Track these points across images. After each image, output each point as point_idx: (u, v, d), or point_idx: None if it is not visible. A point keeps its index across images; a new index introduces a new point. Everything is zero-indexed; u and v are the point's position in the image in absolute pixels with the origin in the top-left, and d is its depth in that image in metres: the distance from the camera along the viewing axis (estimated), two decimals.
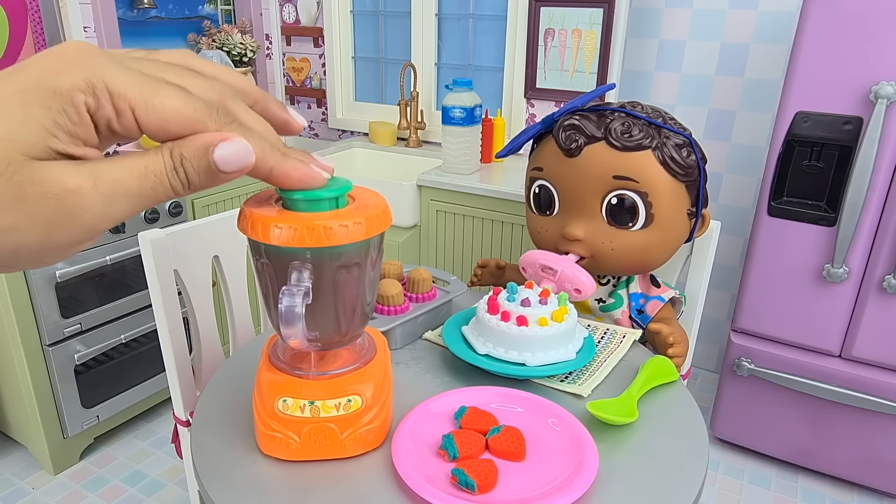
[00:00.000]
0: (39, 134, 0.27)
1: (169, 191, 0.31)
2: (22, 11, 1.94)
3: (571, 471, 0.64)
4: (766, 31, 1.93)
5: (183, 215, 1.93)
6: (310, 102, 2.69)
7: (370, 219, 0.45)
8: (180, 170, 0.31)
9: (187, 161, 0.30)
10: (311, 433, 0.57)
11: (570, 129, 1.00)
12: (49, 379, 1.69)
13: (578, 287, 0.97)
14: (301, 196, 0.43)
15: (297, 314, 0.39)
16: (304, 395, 0.55)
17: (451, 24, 2.35)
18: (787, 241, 1.63)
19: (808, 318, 1.67)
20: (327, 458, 0.60)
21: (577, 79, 2.08)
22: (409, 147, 2.37)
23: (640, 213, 0.99)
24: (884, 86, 1.40)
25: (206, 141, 0.31)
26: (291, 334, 0.40)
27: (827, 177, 1.54)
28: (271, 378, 0.56)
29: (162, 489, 1.74)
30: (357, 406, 0.58)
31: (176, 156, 0.30)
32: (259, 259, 0.44)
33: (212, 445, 0.64)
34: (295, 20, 2.58)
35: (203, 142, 0.31)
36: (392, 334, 0.91)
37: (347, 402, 0.58)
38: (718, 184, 2.13)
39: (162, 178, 0.30)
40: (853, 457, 1.72)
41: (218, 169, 0.31)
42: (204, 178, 0.31)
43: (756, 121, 2.02)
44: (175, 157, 0.30)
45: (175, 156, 0.30)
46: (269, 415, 0.56)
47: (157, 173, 0.30)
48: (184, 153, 0.30)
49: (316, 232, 0.43)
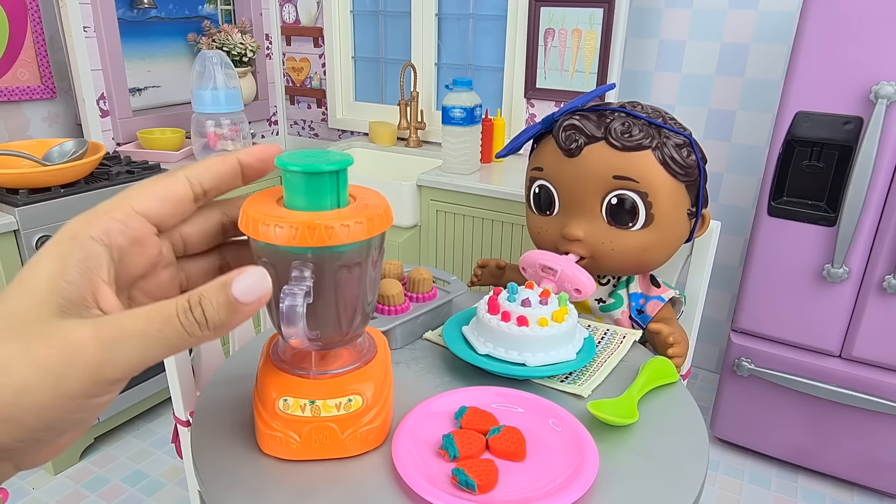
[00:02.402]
0: (56, 291, 0.30)
1: (181, 332, 0.30)
2: (22, 11, 1.94)
3: (572, 471, 0.64)
4: (766, 31, 1.93)
5: None
6: (310, 102, 2.69)
7: (371, 218, 0.45)
8: (196, 308, 0.31)
9: (205, 299, 0.31)
10: (311, 433, 0.57)
11: (570, 129, 1.00)
12: None
13: (578, 287, 0.97)
14: (300, 168, 0.43)
15: (298, 313, 0.39)
16: (305, 395, 0.55)
17: (451, 24, 2.35)
18: (787, 241, 1.63)
19: (808, 318, 1.67)
20: (328, 458, 0.60)
21: (577, 79, 2.08)
22: (409, 147, 2.37)
23: (640, 213, 0.99)
24: (884, 86, 1.40)
25: (224, 279, 0.31)
26: (293, 334, 0.40)
27: (827, 177, 1.54)
28: (272, 377, 0.56)
29: (162, 489, 1.74)
30: (358, 406, 0.58)
31: (194, 297, 0.31)
32: (259, 258, 0.44)
33: (212, 445, 0.64)
34: (295, 20, 2.58)
35: (221, 280, 0.31)
36: (392, 334, 0.91)
37: (348, 401, 0.58)
38: (718, 184, 2.13)
39: (171, 320, 0.30)
40: (853, 457, 1.72)
41: (238, 301, 0.31)
42: (224, 314, 0.31)
43: (756, 121, 2.02)
44: (192, 299, 0.31)
45: (193, 298, 0.31)
46: (270, 414, 0.56)
47: (166, 315, 0.30)
48: (202, 293, 0.31)
49: (318, 231, 0.43)
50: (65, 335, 0.29)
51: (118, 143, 2.16)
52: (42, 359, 0.28)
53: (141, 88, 2.27)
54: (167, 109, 2.33)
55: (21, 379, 0.28)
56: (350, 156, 0.46)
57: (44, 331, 0.28)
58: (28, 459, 0.32)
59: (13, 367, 0.28)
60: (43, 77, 2.02)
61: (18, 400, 0.28)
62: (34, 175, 1.61)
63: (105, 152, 1.77)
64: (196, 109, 2.09)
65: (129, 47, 2.18)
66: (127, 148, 2.15)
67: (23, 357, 0.28)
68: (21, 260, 1.59)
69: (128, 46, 2.17)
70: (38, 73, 2.01)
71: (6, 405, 0.28)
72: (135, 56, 2.22)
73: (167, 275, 0.39)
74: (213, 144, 2.12)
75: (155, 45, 2.30)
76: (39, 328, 0.28)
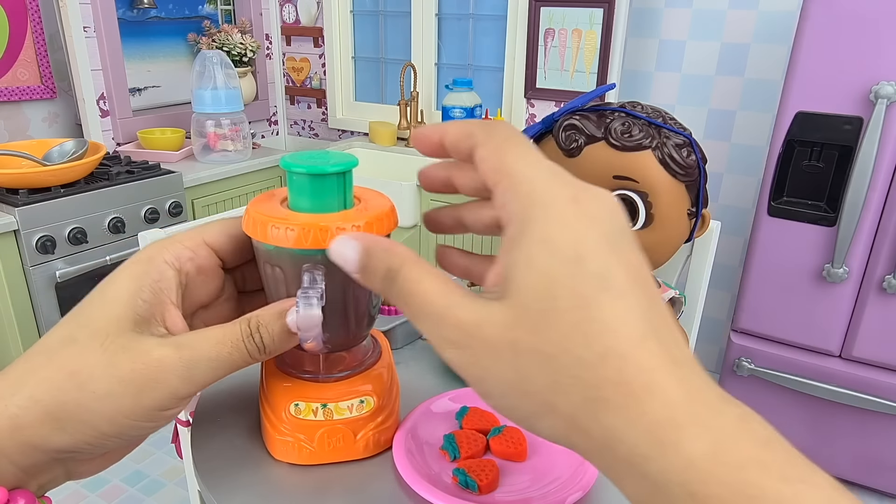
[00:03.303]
0: (136, 308, 0.32)
1: (245, 355, 0.34)
2: (22, 11, 1.94)
3: (573, 471, 0.64)
4: (766, 31, 1.93)
5: (183, 215, 1.93)
6: (310, 102, 2.69)
7: (380, 219, 0.45)
8: (256, 335, 0.34)
9: (263, 327, 0.34)
10: (324, 436, 0.57)
11: (570, 129, 1.00)
12: None
13: None
14: (306, 169, 0.43)
15: (315, 319, 0.39)
16: (316, 398, 0.55)
17: (451, 23, 2.35)
18: (787, 241, 1.63)
19: (808, 318, 1.67)
20: (342, 461, 0.60)
21: (577, 79, 2.08)
22: (409, 147, 2.37)
23: (640, 214, 0.99)
24: (884, 86, 1.40)
25: (280, 308, 0.35)
26: (309, 338, 0.40)
27: (827, 177, 1.54)
28: (280, 382, 0.56)
29: (162, 489, 1.74)
30: (370, 407, 0.58)
31: (253, 323, 0.34)
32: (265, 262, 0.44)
33: (212, 445, 0.64)
34: (295, 20, 2.58)
35: (277, 309, 0.35)
36: (392, 334, 0.91)
37: (360, 402, 0.58)
38: (718, 184, 2.13)
39: (238, 344, 0.34)
40: (853, 457, 1.72)
41: (291, 331, 0.35)
42: (279, 342, 0.36)
43: (756, 121, 2.02)
44: (252, 325, 0.34)
45: (252, 323, 0.34)
46: (280, 419, 0.56)
47: (234, 340, 0.34)
48: (260, 320, 0.35)
49: (329, 233, 0.43)
50: (147, 351, 0.31)
51: (118, 143, 2.17)
52: (127, 372, 0.30)
53: (141, 88, 2.27)
54: (167, 109, 2.33)
55: (105, 387, 0.30)
56: (355, 157, 0.46)
57: (125, 344, 0.31)
58: (83, 467, 0.34)
59: (97, 375, 0.30)
60: (43, 77, 2.03)
61: (99, 406, 0.30)
62: (34, 175, 1.61)
63: (105, 152, 1.77)
64: (196, 109, 2.09)
65: (129, 47, 2.18)
66: (127, 148, 2.15)
67: (107, 368, 0.30)
68: (21, 260, 1.59)
69: (128, 46, 2.17)
70: (38, 73, 2.01)
71: (85, 409, 0.30)
72: (135, 56, 2.22)
73: (228, 308, 0.41)
74: (213, 144, 2.12)
75: (155, 45, 2.30)
76: (120, 341, 0.31)
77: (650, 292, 0.23)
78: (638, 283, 0.23)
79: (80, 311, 0.32)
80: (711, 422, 0.21)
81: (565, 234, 0.23)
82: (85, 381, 0.29)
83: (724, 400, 0.23)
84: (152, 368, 0.31)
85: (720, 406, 0.22)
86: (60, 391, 0.29)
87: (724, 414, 0.22)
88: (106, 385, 0.30)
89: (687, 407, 0.21)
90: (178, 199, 1.92)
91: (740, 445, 0.21)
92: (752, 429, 0.22)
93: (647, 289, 0.23)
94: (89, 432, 0.30)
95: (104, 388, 0.30)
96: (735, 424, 0.22)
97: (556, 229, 0.23)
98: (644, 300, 0.23)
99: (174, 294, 0.35)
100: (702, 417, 0.21)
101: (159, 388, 0.31)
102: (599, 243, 0.23)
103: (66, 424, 0.30)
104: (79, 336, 0.31)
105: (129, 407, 0.30)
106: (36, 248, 1.59)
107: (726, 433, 0.21)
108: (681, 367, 0.22)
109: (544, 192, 0.24)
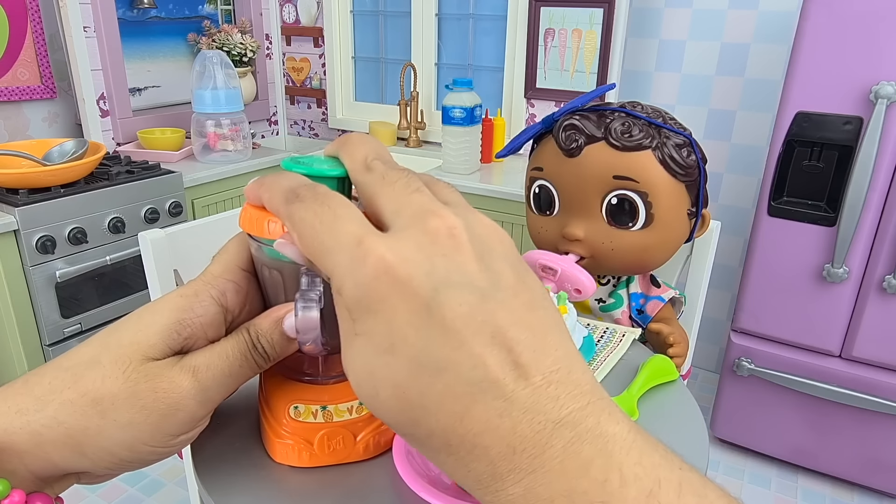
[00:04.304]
0: (159, 335, 0.33)
1: (254, 366, 0.35)
2: (22, 11, 1.94)
3: None
4: (766, 31, 1.93)
5: (183, 215, 1.93)
6: (310, 102, 2.69)
7: None
8: (259, 345, 0.35)
9: (262, 337, 0.35)
10: (324, 438, 0.57)
11: (570, 129, 1.00)
12: None
13: (579, 287, 0.97)
14: (307, 172, 0.43)
15: (314, 322, 0.39)
16: (316, 400, 0.55)
17: (451, 24, 2.35)
18: (787, 241, 1.63)
19: (808, 318, 1.67)
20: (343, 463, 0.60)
21: (577, 79, 2.08)
22: (409, 147, 2.37)
23: (640, 214, 0.99)
24: (884, 86, 1.40)
25: (276, 315, 0.36)
26: (308, 340, 0.40)
27: (827, 177, 1.54)
28: (278, 384, 0.56)
29: (162, 489, 1.74)
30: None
31: (252, 333, 0.35)
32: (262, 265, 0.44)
33: (212, 445, 0.64)
34: (295, 20, 2.58)
35: (273, 317, 0.36)
36: None
37: (360, 404, 0.58)
38: (718, 184, 2.13)
39: (246, 356, 0.35)
40: (853, 457, 1.72)
41: (290, 337, 0.36)
42: (280, 349, 0.36)
43: (756, 121, 2.02)
44: (252, 335, 0.35)
45: (252, 333, 0.35)
46: (280, 422, 0.56)
47: (242, 352, 0.35)
48: (259, 330, 0.35)
49: None
50: (170, 379, 0.32)
51: (118, 142, 2.16)
52: (150, 401, 0.31)
53: (141, 88, 2.27)
54: (167, 109, 2.33)
55: (126, 416, 0.31)
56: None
57: (147, 372, 0.31)
58: (95, 479, 0.34)
59: (119, 404, 0.31)
60: (43, 77, 2.03)
61: (120, 434, 0.31)
62: (34, 175, 1.61)
63: (105, 152, 1.77)
64: (196, 109, 2.09)
65: (129, 47, 2.18)
66: (127, 148, 2.15)
67: (129, 398, 0.31)
68: (21, 260, 1.59)
69: (128, 46, 2.17)
70: (38, 73, 2.01)
71: (106, 437, 0.31)
72: (135, 56, 2.22)
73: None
74: (213, 144, 2.12)
75: (155, 45, 2.30)
76: (143, 368, 0.31)
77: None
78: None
79: (112, 330, 0.33)
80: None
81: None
82: (107, 409, 0.30)
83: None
84: (173, 396, 0.32)
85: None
86: (84, 416, 0.30)
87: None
88: (128, 415, 0.31)
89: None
90: (178, 199, 1.92)
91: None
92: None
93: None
94: (108, 458, 0.31)
95: (126, 418, 0.31)
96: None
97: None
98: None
99: (215, 332, 0.35)
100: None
101: (179, 414, 0.32)
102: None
103: (87, 449, 0.31)
104: (103, 359, 0.31)
105: (149, 434, 0.31)
106: (36, 248, 1.59)
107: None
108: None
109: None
